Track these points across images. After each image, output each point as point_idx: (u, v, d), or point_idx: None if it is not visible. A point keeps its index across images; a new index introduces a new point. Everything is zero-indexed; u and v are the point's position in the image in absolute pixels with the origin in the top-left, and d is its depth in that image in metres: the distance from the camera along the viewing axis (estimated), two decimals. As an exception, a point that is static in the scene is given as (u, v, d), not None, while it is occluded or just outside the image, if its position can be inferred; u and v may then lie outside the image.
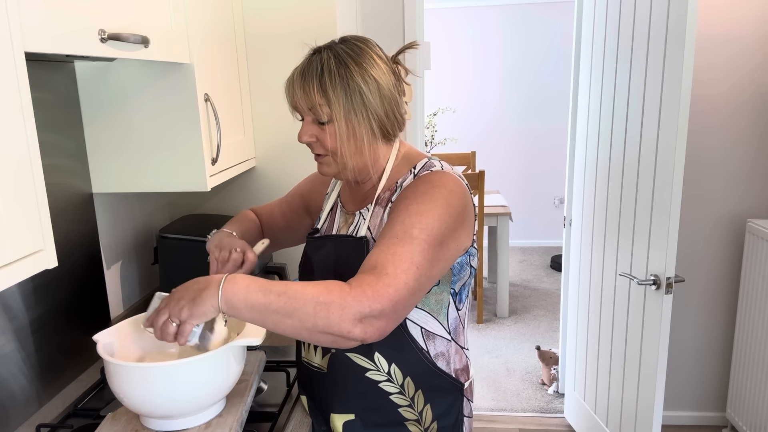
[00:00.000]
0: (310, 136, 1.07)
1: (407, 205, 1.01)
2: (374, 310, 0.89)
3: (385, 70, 1.07)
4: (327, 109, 1.03)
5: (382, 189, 1.13)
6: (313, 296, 0.89)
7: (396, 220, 1.00)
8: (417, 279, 0.95)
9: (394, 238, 0.97)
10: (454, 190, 1.04)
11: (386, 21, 2.30)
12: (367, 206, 1.15)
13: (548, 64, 5.28)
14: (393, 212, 1.03)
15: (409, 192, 1.04)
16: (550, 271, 4.96)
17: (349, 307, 0.88)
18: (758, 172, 2.47)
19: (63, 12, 0.90)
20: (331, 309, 0.88)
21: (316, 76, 1.03)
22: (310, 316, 0.88)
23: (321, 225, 1.24)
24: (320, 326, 0.89)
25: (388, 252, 0.95)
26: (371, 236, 1.10)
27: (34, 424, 1.22)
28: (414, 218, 0.98)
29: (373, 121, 1.06)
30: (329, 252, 1.14)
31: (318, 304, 0.88)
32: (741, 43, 2.37)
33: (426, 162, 1.12)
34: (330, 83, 1.02)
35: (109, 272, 1.61)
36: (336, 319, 0.88)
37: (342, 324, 0.88)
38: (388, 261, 0.94)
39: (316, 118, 1.06)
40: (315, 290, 0.89)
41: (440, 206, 1.01)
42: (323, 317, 0.88)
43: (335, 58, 1.04)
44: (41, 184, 0.81)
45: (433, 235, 0.98)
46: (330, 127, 1.05)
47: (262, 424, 1.20)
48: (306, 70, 1.04)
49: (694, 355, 2.67)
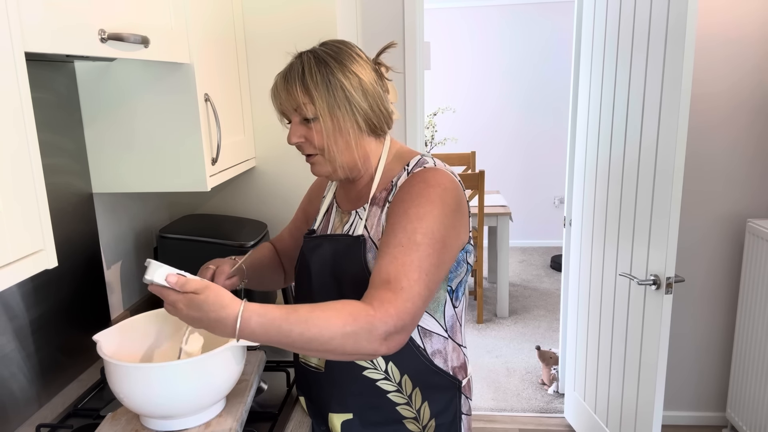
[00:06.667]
0: (298, 137, 1.10)
1: (406, 210, 1.02)
2: (398, 327, 0.93)
3: (366, 67, 1.10)
4: (311, 107, 1.06)
5: (377, 188, 1.14)
6: (340, 328, 0.90)
7: (397, 226, 1.01)
8: (428, 286, 0.98)
9: (399, 247, 0.98)
10: (447, 187, 1.05)
11: (386, 21, 2.30)
12: (363, 206, 1.15)
13: (548, 63, 5.28)
14: (392, 216, 1.04)
15: (405, 194, 1.05)
16: (550, 271, 4.96)
17: (376, 329, 0.91)
18: (758, 171, 2.47)
19: (63, 12, 0.90)
20: (359, 336, 0.91)
21: (298, 77, 1.06)
22: (339, 346, 0.91)
23: (317, 226, 1.25)
24: (348, 351, 0.92)
25: (396, 262, 0.97)
26: (368, 235, 1.10)
27: (34, 424, 1.22)
28: (415, 223, 1.00)
29: (357, 115, 1.08)
30: (325, 251, 1.15)
31: (345, 335, 0.90)
32: (741, 43, 2.37)
33: (419, 159, 1.14)
34: (311, 81, 1.05)
35: (109, 272, 1.61)
36: (364, 343, 0.91)
37: (370, 346, 0.92)
38: (400, 273, 0.96)
39: (302, 118, 1.08)
40: (339, 320, 0.90)
41: (437, 207, 1.02)
42: (351, 344, 0.91)
43: (315, 58, 1.07)
44: (41, 184, 0.81)
45: (435, 238, 1.00)
46: (316, 125, 1.07)
47: (262, 424, 1.20)
48: (288, 74, 1.08)
49: (694, 355, 2.67)
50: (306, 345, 0.91)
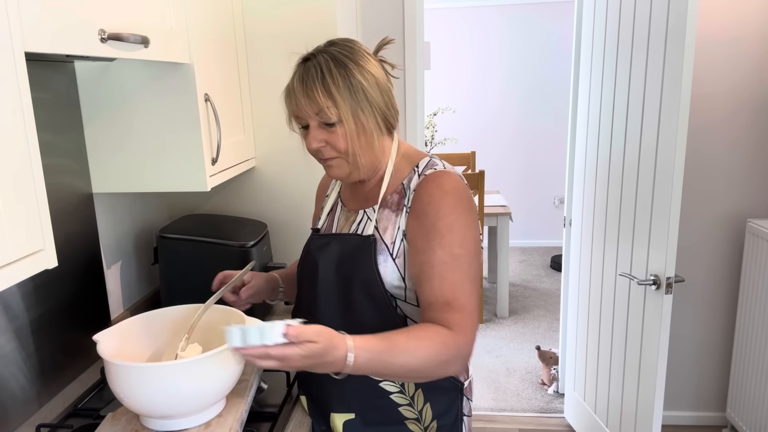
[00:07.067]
0: (319, 141, 1.07)
1: (434, 224, 1.04)
2: (474, 343, 1.02)
3: (377, 65, 1.10)
4: (335, 110, 1.03)
5: (387, 190, 1.14)
6: (435, 356, 0.97)
7: (433, 243, 1.04)
8: (477, 292, 1.05)
9: (443, 265, 1.02)
10: (461, 189, 1.08)
11: (386, 21, 2.30)
12: (372, 206, 1.15)
13: (548, 63, 5.28)
14: (420, 233, 1.06)
15: (426, 205, 1.06)
16: (550, 271, 4.96)
17: (463, 353, 1.00)
18: (758, 171, 2.47)
19: (63, 12, 0.90)
20: (450, 362, 1.00)
21: (318, 80, 1.03)
22: (430, 373, 1.00)
23: (321, 224, 1.25)
24: (435, 376, 1.01)
25: (447, 282, 1.02)
26: (380, 237, 1.10)
27: (34, 424, 1.22)
28: (448, 237, 1.03)
29: (377, 115, 1.08)
30: (333, 250, 1.15)
31: (440, 363, 0.98)
32: (741, 43, 2.37)
33: (428, 161, 1.14)
34: (333, 84, 1.03)
35: (109, 272, 1.61)
36: (452, 367, 1.01)
37: (455, 368, 1.02)
38: (456, 291, 1.01)
39: (322, 122, 1.06)
40: (434, 349, 0.97)
41: (460, 213, 1.05)
42: (441, 370, 1.00)
43: (332, 60, 1.05)
44: (41, 184, 0.81)
45: (469, 244, 1.05)
46: (340, 128, 1.05)
47: (262, 424, 1.20)
48: (305, 77, 1.05)
49: (694, 355, 2.67)
50: (404, 374, 0.98)
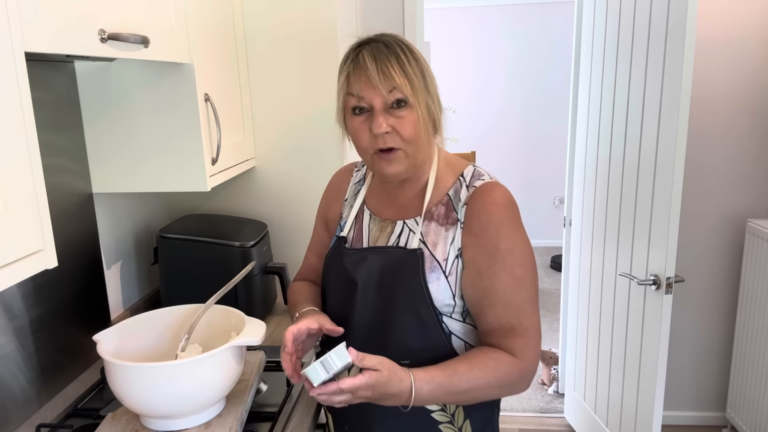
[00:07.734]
0: (387, 125, 0.97)
1: (496, 246, 1.00)
2: (538, 362, 1.03)
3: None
4: (409, 89, 0.96)
5: (431, 200, 1.06)
6: (496, 384, 0.98)
7: (496, 267, 1.00)
8: (537, 311, 1.04)
9: (508, 290, 1.00)
10: (513, 201, 1.04)
11: (386, 21, 2.30)
12: (413, 217, 1.07)
13: (549, 64, 5.28)
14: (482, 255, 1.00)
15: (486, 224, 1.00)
16: (550, 271, 4.95)
17: (527, 376, 1.01)
18: (758, 172, 2.47)
19: (63, 12, 0.90)
20: (514, 386, 1.01)
21: (393, 57, 0.97)
22: (498, 397, 1.03)
23: (347, 233, 1.14)
24: (501, 396, 1.04)
25: (511, 307, 1.00)
26: (429, 252, 1.03)
27: (34, 424, 1.22)
28: (510, 259, 1.00)
29: (438, 107, 1.02)
30: (372, 265, 1.06)
31: (504, 387, 1.00)
32: (742, 45, 2.36)
33: (474, 170, 1.07)
34: (408, 63, 0.97)
35: (109, 272, 1.61)
36: (517, 389, 1.02)
37: (520, 389, 1.03)
38: (520, 315, 1.00)
39: (390, 105, 0.97)
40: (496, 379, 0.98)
41: (517, 228, 1.02)
42: (506, 393, 1.02)
43: (398, 45, 0.99)
44: (41, 184, 0.81)
45: (528, 264, 1.03)
46: (409, 114, 0.97)
47: (262, 424, 1.20)
48: (377, 53, 0.97)
49: (694, 355, 2.67)
50: (465, 401, 1.01)
